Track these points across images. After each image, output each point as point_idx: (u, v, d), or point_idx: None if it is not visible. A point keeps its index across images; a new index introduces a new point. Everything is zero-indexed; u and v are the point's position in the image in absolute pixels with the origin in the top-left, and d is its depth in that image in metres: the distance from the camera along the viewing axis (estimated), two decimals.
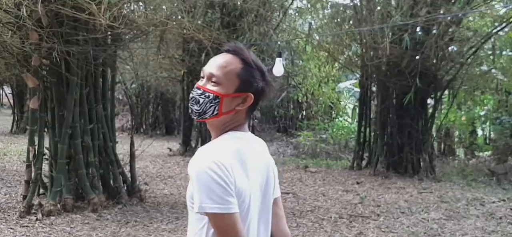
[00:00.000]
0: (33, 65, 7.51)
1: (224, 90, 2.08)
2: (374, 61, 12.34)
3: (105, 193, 8.26)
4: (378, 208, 8.97)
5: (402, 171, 12.62)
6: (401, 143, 12.83)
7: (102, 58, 8.29)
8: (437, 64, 12.49)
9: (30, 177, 7.69)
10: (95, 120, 8.25)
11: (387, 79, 12.62)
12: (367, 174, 12.64)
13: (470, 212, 8.84)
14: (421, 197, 10.09)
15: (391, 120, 13.02)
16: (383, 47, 11.55)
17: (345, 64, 15.52)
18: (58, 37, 7.29)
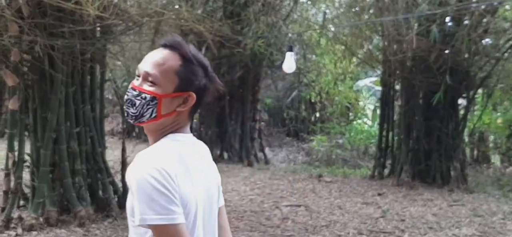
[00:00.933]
0: (12, 61, 7.50)
1: (162, 90, 2.07)
2: (397, 56, 12.31)
3: (94, 205, 8.25)
4: (403, 223, 8.96)
5: (429, 181, 12.58)
6: (428, 149, 12.79)
7: (90, 53, 8.27)
8: (470, 59, 12.44)
9: (9, 187, 7.69)
10: (82, 123, 8.23)
11: (412, 76, 12.59)
12: (390, 184, 12.61)
13: (507, 228, 8.83)
14: (452, 210, 10.07)
15: (417, 123, 12.98)
16: (408, 39, 11.52)
17: (364, 59, 15.52)
18: (41, 29, 7.29)
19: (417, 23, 11.77)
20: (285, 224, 8.59)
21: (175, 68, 2.09)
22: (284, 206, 9.98)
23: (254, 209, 9.61)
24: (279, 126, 24.17)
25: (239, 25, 13.74)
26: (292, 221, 8.86)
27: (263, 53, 14.65)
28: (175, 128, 2.17)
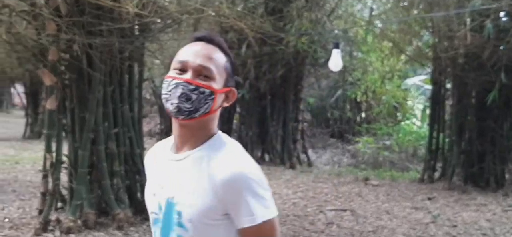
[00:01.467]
0: (50, 60, 7.63)
1: (216, 85, 2.08)
2: (449, 53, 12.19)
3: (132, 208, 8.34)
4: (454, 229, 8.88)
5: (483, 185, 12.43)
6: (481, 150, 12.64)
7: (129, 51, 8.39)
8: None
9: (47, 189, 7.83)
10: (120, 123, 8.35)
11: (464, 74, 12.45)
12: (441, 188, 12.50)
13: None
14: (507, 216, 9.94)
15: (470, 123, 12.84)
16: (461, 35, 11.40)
17: (413, 56, 15.38)
18: (79, 27, 7.41)
19: (470, 18, 11.63)
20: (330, 229, 8.58)
21: (223, 63, 2.12)
22: (328, 210, 9.97)
23: (297, 214, 9.62)
24: (323, 126, 24.12)
25: (281, 22, 13.75)
26: (337, 226, 8.85)
27: (306, 50, 14.65)
28: (215, 126, 2.18)
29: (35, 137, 21.01)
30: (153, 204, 2.18)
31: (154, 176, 2.25)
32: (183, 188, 2.08)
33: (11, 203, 9.43)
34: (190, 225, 2.04)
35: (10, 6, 7.46)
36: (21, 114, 27.93)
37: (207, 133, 2.14)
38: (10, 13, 7.57)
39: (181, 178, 2.10)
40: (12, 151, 17.12)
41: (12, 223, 8.04)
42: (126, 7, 6.59)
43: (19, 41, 8.05)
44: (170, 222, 2.09)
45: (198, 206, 2.02)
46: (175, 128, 2.16)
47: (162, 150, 2.27)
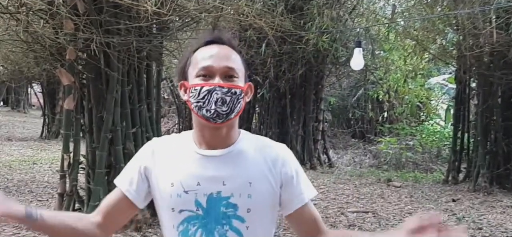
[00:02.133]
0: (67, 59, 7.68)
1: (241, 83, 2.16)
2: (474, 51, 12.11)
3: (151, 209, 8.37)
4: (480, 231, 8.82)
5: (509, 187, 12.35)
6: (508, 151, 12.55)
7: (147, 50, 8.40)
8: None
9: (65, 190, 7.90)
10: (138, 123, 8.36)
11: (490, 73, 12.37)
12: (466, 189, 12.43)
13: None
14: None
15: (496, 124, 12.75)
16: (486, 33, 11.33)
17: (437, 55, 15.28)
18: (97, 26, 7.42)
19: (496, 15, 11.56)
20: None
21: (240, 61, 2.21)
22: (350, 212, 9.94)
23: None
24: (344, 127, 24.09)
25: (301, 20, 13.74)
26: (359, 228, 8.81)
27: (327, 49, 14.62)
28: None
29: (53, 137, 21.16)
30: (186, 202, 2.15)
31: (175, 174, 2.20)
32: (235, 181, 2.12)
33: (29, 203, 9.50)
34: (248, 215, 2.11)
35: (27, 4, 7.51)
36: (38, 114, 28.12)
37: (237, 130, 2.25)
38: (27, 12, 7.61)
39: (229, 172, 2.14)
40: (30, 152, 17.25)
41: None
42: (144, 5, 6.60)
43: (36, 40, 8.10)
44: (218, 217, 2.11)
45: (260, 194, 2.12)
46: (204, 130, 2.19)
47: (178, 148, 2.27)
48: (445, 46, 14.59)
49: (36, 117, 28.33)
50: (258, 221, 2.14)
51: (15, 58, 17.71)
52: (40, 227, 2.22)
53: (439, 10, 13.62)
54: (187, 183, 2.16)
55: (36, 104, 33.98)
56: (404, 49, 19.06)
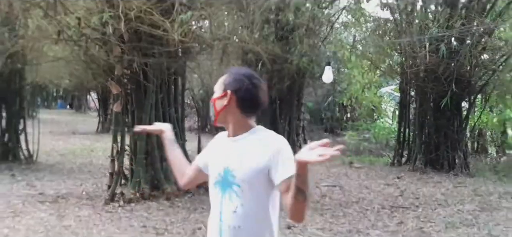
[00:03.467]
0: (116, 74, 7.70)
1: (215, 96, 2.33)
2: (413, 69, 12.13)
3: (177, 184, 8.39)
4: (417, 200, 8.82)
5: (438, 167, 12.34)
6: (437, 142, 12.56)
7: (174, 68, 8.42)
8: (471, 71, 12.16)
9: (114, 170, 7.89)
10: (168, 121, 8.35)
11: (424, 85, 12.39)
12: (407, 170, 12.43)
13: (502, 205, 8.59)
14: (457, 190, 9.85)
15: (429, 121, 12.76)
16: (421, 56, 11.35)
17: (386, 71, 15.28)
18: (137, 50, 7.47)
19: (429, 42, 11.56)
20: (324, 201, 8.53)
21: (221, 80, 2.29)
22: (323, 186, 9.92)
23: None
24: (318, 124, 24.11)
25: (287, 46, 13.75)
26: (329, 198, 8.80)
27: (306, 67, 14.62)
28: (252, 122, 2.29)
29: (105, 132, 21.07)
30: (215, 171, 2.27)
31: (216, 154, 2.33)
32: (238, 159, 2.18)
33: (87, 181, 9.50)
34: (242, 183, 2.14)
35: (86, 35, 7.51)
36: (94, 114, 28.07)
37: (247, 125, 2.25)
38: (86, 40, 7.62)
39: (236, 152, 2.20)
40: (88, 142, 17.23)
41: (88, 195, 8.10)
42: (172, 35, 6.59)
43: (93, 61, 8.12)
44: (227, 182, 2.19)
45: (251, 168, 2.13)
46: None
47: (222, 138, 2.37)
48: (391, 65, 14.59)
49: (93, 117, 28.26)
50: (248, 188, 2.14)
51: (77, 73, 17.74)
52: (169, 151, 2.59)
53: (387, 39, 13.62)
54: (216, 159, 2.31)
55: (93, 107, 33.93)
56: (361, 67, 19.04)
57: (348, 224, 6.85)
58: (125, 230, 6.10)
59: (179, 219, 6.75)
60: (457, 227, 6.93)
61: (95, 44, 7.76)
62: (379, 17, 14.04)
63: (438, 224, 7.09)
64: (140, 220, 6.64)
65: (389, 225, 6.96)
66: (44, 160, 12.10)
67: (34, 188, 8.61)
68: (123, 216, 6.85)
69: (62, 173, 10.36)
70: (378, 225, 6.87)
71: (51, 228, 6.05)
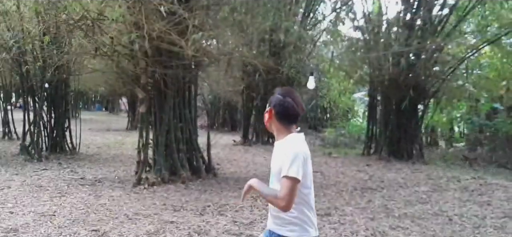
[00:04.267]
0: (141, 83, 7.67)
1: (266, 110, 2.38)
2: (379, 78, 12.14)
3: (191, 171, 8.36)
4: (382, 183, 8.80)
5: (399, 157, 12.35)
6: (399, 136, 12.57)
7: (188, 78, 8.39)
8: (425, 80, 12.19)
9: (140, 159, 7.86)
10: (183, 121, 8.34)
11: (388, 91, 12.41)
12: (374, 159, 12.44)
13: (450, 186, 8.58)
14: (414, 175, 9.84)
15: (392, 120, 12.78)
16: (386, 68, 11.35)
17: (357, 80, 15.30)
18: (159, 63, 7.42)
19: (392, 57, 11.57)
20: None
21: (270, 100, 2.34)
22: None
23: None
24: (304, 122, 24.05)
25: (279, 60, 13.75)
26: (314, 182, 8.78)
27: (294, 77, 14.61)
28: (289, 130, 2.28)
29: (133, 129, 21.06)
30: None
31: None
32: (273, 159, 2.25)
33: (119, 168, 9.46)
34: (272, 176, 2.22)
35: (118, 51, 7.49)
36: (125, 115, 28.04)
37: (285, 132, 2.26)
38: (117, 55, 7.59)
39: (274, 154, 2.26)
40: (120, 137, 17.19)
41: (119, 179, 8.08)
42: (187, 51, 6.56)
43: (123, 72, 8.07)
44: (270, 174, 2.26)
45: (276, 166, 2.17)
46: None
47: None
48: (362, 75, 14.59)
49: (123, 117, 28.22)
50: (275, 180, 2.17)
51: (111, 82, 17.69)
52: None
53: (358, 54, 13.62)
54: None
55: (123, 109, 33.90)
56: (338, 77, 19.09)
57: (328, 202, 6.84)
58: (149, 207, 6.08)
59: (192, 199, 6.73)
60: (414, 204, 6.92)
61: (125, 59, 7.72)
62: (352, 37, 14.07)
63: (399, 202, 7.08)
64: (161, 200, 6.62)
65: (360, 203, 6.95)
66: (85, 151, 12.07)
67: (77, 174, 8.58)
68: (148, 196, 6.82)
69: (99, 162, 10.33)
70: (352, 203, 6.86)
71: (90, 206, 6.03)
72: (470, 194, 7.84)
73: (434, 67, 12.16)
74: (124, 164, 9.98)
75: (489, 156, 13.40)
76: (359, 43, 13.53)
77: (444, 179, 9.42)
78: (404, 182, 8.89)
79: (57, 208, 5.85)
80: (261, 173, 9.39)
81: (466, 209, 6.67)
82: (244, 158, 11.80)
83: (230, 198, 6.85)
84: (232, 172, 9.59)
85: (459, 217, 6.15)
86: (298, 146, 2.15)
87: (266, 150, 13.83)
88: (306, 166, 2.14)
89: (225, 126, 23.68)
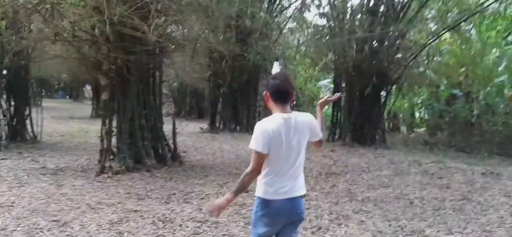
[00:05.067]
0: (104, 69, 7.43)
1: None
2: (344, 65, 12.24)
3: (156, 159, 8.19)
4: (346, 168, 8.91)
5: (363, 142, 12.56)
6: (362, 122, 12.76)
7: (152, 64, 8.17)
8: (388, 66, 12.37)
9: (103, 147, 7.62)
10: (148, 108, 8.13)
11: (353, 78, 12.53)
12: (339, 144, 12.58)
13: (411, 170, 8.78)
14: (377, 160, 10.02)
15: (355, 107, 12.94)
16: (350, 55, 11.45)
17: (323, 68, 15.41)
18: (121, 49, 7.19)
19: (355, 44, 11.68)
20: None
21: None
22: None
23: None
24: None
25: (245, 47, 13.64)
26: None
27: (260, 64, 14.57)
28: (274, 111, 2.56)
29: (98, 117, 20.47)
30: None
31: None
32: None
33: (82, 157, 9.17)
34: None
35: (79, 36, 7.19)
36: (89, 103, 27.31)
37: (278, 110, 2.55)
38: (79, 41, 7.30)
39: None
40: (84, 125, 16.73)
41: (82, 168, 7.83)
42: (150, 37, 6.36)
43: (84, 58, 7.77)
44: None
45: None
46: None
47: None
48: (327, 62, 14.69)
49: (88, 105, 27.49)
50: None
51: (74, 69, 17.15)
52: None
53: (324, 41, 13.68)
54: None
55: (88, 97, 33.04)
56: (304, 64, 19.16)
57: None
58: (112, 196, 5.91)
59: (157, 187, 6.59)
60: (376, 188, 7.04)
61: (86, 44, 7.43)
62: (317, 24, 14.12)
63: (362, 186, 7.19)
64: (125, 188, 6.46)
65: (324, 187, 7.00)
66: (47, 140, 11.62)
67: (38, 163, 8.25)
68: (111, 185, 6.64)
69: (62, 151, 9.97)
70: (316, 188, 6.90)
71: (51, 195, 5.81)
72: (430, 178, 8.04)
73: (396, 54, 12.36)
74: (88, 153, 9.66)
75: (448, 140, 13.82)
76: (324, 30, 13.59)
77: (406, 163, 9.63)
78: (367, 167, 9.02)
79: (16, 198, 5.61)
80: (228, 161, 9.32)
81: (427, 192, 6.83)
82: (211, 146, 11.69)
83: (196, 185, 6.75)
84: (198, 159, 9.46)
85: (419, 200, 6.29)
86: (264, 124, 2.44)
87: (233, 138, 13.75)
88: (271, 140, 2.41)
89: (192, 113, 23.42)
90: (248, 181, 2.46)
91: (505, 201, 6.41)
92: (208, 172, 7.90)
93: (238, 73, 15.27)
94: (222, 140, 13.11)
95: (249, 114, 15.98)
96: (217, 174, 7.72)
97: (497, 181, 8.00)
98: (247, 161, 9.34)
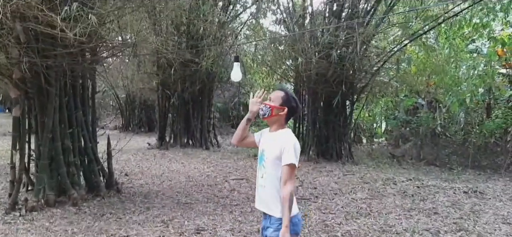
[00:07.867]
0: (14, 78, 5.81)
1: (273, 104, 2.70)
2: (306, 72, 11.08)
3: (86, 188, 6.64)
4: (315, 190, 7.69)
5: (328, 157, 11.45)
6: (327, 135, 11.66)
7: (78, 71, 6.58)
8: (354, 74, 11.36)
9: (14, 177, 5.97)
10: (75, 125, 6.52)
11: (316, 86, 11.39)
12: (302, 160, 11.29)
13: (387, 191, 7.70)
14: (347, 179, 8.89)
15: (320, 118, 11.82)
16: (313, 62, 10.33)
17: (282, 75, 14.21)
18: (35, 52, 5.60)
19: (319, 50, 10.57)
20: (232, 195, 7.15)
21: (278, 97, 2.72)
22: (231, 179, 8.56)
23: (210, 183, 8.12)
24: (227, 121, 22.76)
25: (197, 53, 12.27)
26: (237, 192, 7.42)
27: (214, 72, 13.21)
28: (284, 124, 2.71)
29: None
30: (260, 149, 2.72)
31: (263, 139, 2.77)
32: (269, 146, 2.63)
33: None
34: (268, 162, 2.60)
35: None
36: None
37: (283, 126, 2.69)
38: None
39: (269, 141, 2.66)
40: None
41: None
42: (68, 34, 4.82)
43: None
44: (262, 158, 2.68)
45: (274, 153, 2.56)
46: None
47: (266, 131, 2.79)
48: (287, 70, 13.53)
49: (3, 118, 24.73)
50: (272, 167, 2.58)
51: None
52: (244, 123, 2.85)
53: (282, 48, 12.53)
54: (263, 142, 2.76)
55: None
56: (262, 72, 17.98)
57: (257, 222, 5.54)
58: None
59: (83, 228, 5.07)
60: (356, 217, 5.85)
61: None
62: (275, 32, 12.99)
63: (338, 215, 5.97)
64: (38, 232, 4.91)
65: None
66: None
67: None
68: (21, 228, 5.06)
69: None
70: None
71: None
72: (412, 201, 6.96)
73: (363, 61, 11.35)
74: (6, 180, 7.88)
75: (415, 153, 12.98)
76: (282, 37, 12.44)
77: (379, 182, 8.56)
78: (338, 189, 7.85)
79: None
80: (177, 185, 7.86)
81: (414, 222, 5.70)
82: (158, 165, 10.15)
83: (132, 225, 5.27)
84: (142, 184, 7.92)
85: (410, 234, 5.13)
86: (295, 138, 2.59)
87: (185, 154, 12.26)
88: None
89: (141, 127, 21.58)
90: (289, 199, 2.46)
91: (508, 231, 5.37)
92: (151, 203, 6.41)
93: (190, 82, 13.81)
94: (172, 157, 11.59)
95: (202, 127, 14.50)
96: (162, 206, 6.25)
97: (485, 202, 7.05)
98: (199, 184, 7.79)
